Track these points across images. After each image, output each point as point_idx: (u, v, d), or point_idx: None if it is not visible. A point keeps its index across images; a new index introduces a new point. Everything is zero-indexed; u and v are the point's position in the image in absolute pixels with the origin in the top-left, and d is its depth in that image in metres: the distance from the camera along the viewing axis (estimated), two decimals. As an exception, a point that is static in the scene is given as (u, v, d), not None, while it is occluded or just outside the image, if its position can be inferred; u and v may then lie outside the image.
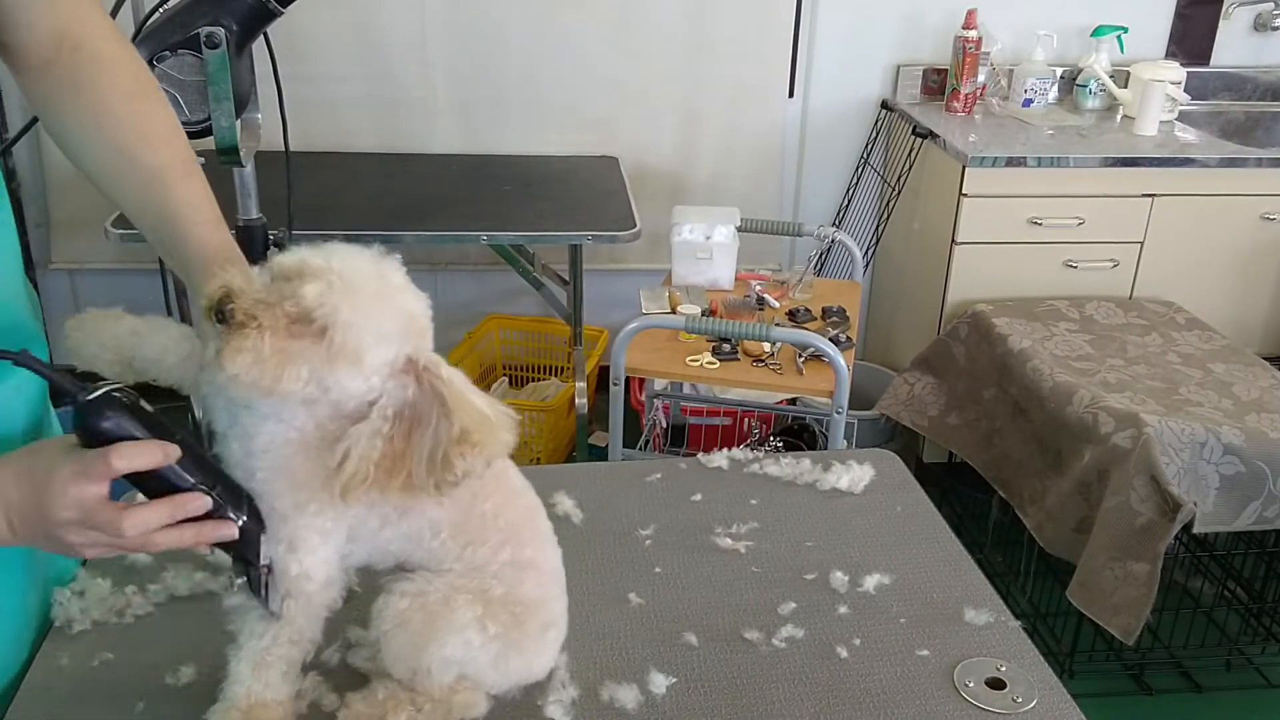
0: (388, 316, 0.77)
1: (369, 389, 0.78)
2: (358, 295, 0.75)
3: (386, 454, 0.78)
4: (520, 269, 2.76)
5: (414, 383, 0.79)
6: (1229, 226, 2.73)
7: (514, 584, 0.87)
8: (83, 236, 2.86)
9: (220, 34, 1.37)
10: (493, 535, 0.87)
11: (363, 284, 0.76)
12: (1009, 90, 3.03)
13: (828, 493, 1.23)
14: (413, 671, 0.85)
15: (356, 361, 0.76)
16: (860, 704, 0.92)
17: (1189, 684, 2.29)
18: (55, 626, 0.98)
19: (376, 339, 0.76)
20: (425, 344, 0.81)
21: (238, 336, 0.73)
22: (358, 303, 0.75)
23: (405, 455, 0.79)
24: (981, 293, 2.69)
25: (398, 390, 0.79)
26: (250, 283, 0.76)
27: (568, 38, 2.93)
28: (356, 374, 0.77)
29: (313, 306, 0.74)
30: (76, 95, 0.92)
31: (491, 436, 0.80)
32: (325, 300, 0.74)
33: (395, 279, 0.79)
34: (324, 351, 0.75)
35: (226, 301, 0.74)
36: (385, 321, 0.77)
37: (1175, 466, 1.98)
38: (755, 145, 3.10)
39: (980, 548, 2.59)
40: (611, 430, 2.19)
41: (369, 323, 0.76)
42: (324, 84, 2.88)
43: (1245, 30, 3.15)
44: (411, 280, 0.81)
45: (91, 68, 0.92)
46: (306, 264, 0.76)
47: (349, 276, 0.75)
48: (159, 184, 0.89)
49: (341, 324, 0.74)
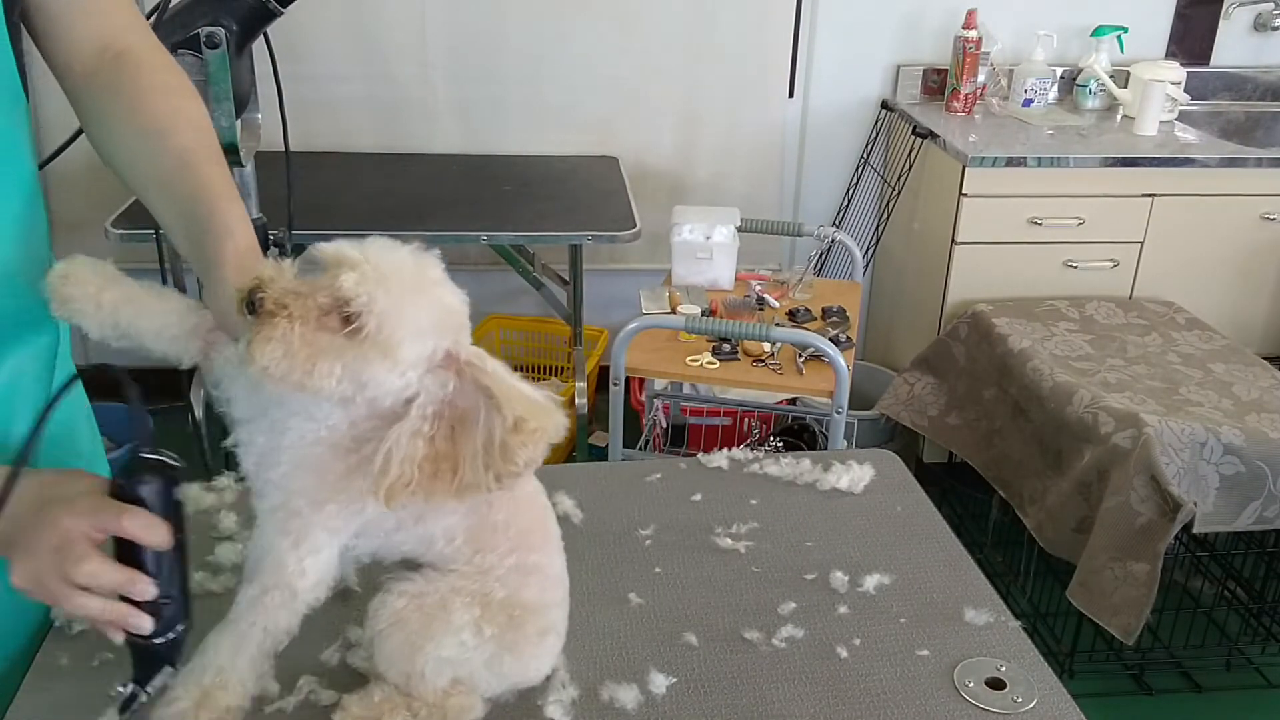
0: (424, 309, 0.76)
1: (405, 384, 0.76)
2: (393, 286, 0.73)
3: (429, 455, 0.76)
4: (520, 269, 2.76)
5: (454, 378, 0.77)
6: (1229, 226, 2.73)
7: (517, 588, 0.87)
8: (83, 236, 2.86)
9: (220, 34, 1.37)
10: (503, 543, 0.87)
11: (399, 276, 0.74)
12: (1009, 90, 3.03)
13: (828, 493, 1.23)
14: (407, 675, 0.84)
15: (391, 354, 0.74)
16: (860, 704, 0.92)
17: (1189, 684, 2.29)
18: (55, 626, 0.97)
19: (413, 331, 0.74)
20: (464, 338, 0.79)
21: (267, 326, 0.71)
22: (393, 294, 0.73)
23: (450, 455, 0.76)
24: (981, 293, 2.69)
25: (436, 387, 0.77)
26: (282, 273, 0.74)
27: (568, 38, 2.93)
28: (391, 368, 0.74)
29: (349, 296, 0.72)
30: (115, 97, 0.94)
31: (548, 420, 0.77)
32: (361, 290, 0.72)
33: (433, 273, 0.77)
34: (357, 343, 0.73)
35: (257, 291, 0.72)
36: (422, 314, 0.75)
37: (1175, 466, 1.98)
38: (755, 145, 3.10)
39: (980, 548, 2.59)
40: (611, 430, 2.19)
41: (405, 314, 0.74)
42: (324, 84, 2.88)
43: (1245, 30, 3.15)
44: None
45: (131, 71, 0.94)
46: (343, 254, 0.74)
47: (385, 268, 0.74)
48: (187, 166, 0.89)
49: (377, 314, 0.72)
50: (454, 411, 0.77)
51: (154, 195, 0.92)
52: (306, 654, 0.93)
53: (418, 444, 0.76)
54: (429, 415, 0.77)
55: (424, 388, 0.77)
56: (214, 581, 1.03)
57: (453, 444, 0.77)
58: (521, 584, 0.87)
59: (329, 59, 2.87)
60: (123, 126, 0.93)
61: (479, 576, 0.86)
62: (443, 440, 0.77)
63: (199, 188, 0.88)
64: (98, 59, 0.95)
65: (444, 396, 0.77)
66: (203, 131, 0.93)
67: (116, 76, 0.94)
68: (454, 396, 0.78)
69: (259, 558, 0.82)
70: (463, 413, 0.77)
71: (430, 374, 0.77)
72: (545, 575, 0.90)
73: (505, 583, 0.86)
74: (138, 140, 0.92)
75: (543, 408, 0.78)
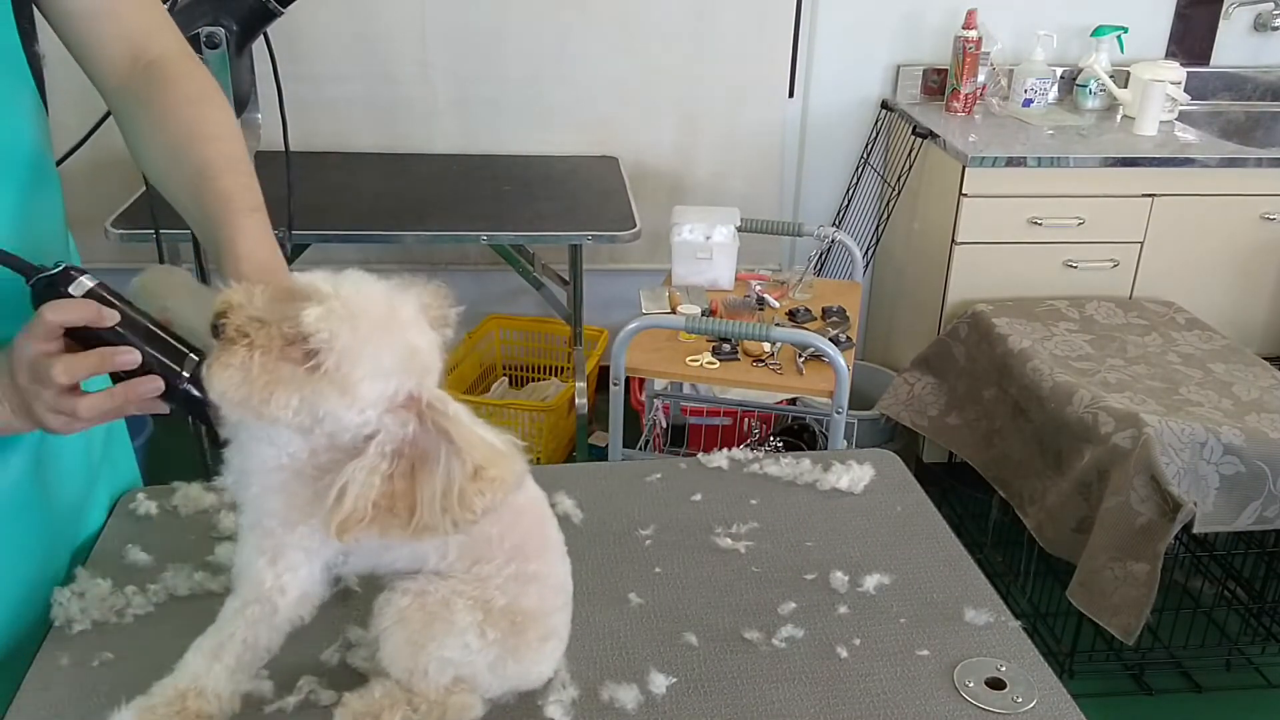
0: (388, 348, 0.75)
1: (363, 422, 0.76)
2: (359, 323, 0.73)
3: (386, 493, 0.76)
4: (520, 269, 2.76)
5: (415, 420, 0.77)
6: (1229, 226, 2.73)
7: (516, 596, 0.87)
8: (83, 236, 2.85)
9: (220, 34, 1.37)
10: (498, 555, 0.87)
11: (367, 313, 0.74)
12: (1009, 90, 3.03)
13: (828, 493, 1.23)
14: (410, 671, 0.85)
15: (349, 392, 0.73)
16: (860, 704, 0.92)
17: (1189, 684, 2.29)
18: (55, 626, 0.98)
19: (373, 371, 0.74)
20: (429, 380, 0.78)
21: (227, 353, 0.72)
22: (358, 331, 0.73)
23: (408, 495, 0.76)
24: (981, 293, 2.69)
25: (396, 426, 0.77)
26: (250, 299, 0.74)
27: (568, 38, 2.93)
28: (349, 405, 0.74)
29: (310, 330, 0.72)
30: (145, 110, 0.95)
31: (508, 468, 0.77)
32: (324, 325, 0.72)
33: (404, 312, 0.77)
34: (316, 378, 0.73)
35: (221, 316, 0.73)
36: (385, 354, 0.75)
37: (1175, 466, 1.98)
38: (755, 145, 3.10)
39: (980, 548, 2.59)
40: (611, 430, 2.19)
41: (366, 353, 0.73)
42: (324, 84, 2.88)
43: (1245, 30, 3.15)
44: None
45: (160, 80, 0.96)
46: (314, 287, 0.74)
47: (354, 304, 0.74)
48: (205, 179, 0.90)
49: (337, 351, 0.72)
50: (415, 451, 0.77)
51: (182, 208, 0.93)
52: (306, 654, 0.93)
53: (374, 481, 0.76)
54: (388, 454, 0.76)
55: (384, 426, 0.77)
56: (214, 581, 1.03)
57: (411, 484, 0.77)
58: (521, 592, 0.87)
59: (329, 59, 2.87)
60: (151, 139, 0.95)
61: (478, 584, 0.86)
62: (401, 479, 0.77)
63: (216, 201, 0.89)
64: (129, 69, 0.96)
65: (404, 436, 0.77)
66: (224, 140, 0.94)
67: (146, 89, 0.96)
68: (416, 437, 0.77)
69: (240, 572, 0.83)
70: (424, 453, 0.77)
71: (391, 414, 0.77)
72: (545, 583, 0.90)
73: (505, 591, 0.86)
74: (164, 153, 0.94)
75: (503, 455, 0.78)
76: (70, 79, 1.02)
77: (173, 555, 1.07)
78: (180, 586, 1.03)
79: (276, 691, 0.89)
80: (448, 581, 0.86)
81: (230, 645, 0.82)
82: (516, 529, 0.88)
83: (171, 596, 1.02)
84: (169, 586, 1.03)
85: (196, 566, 1.05)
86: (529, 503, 0.91)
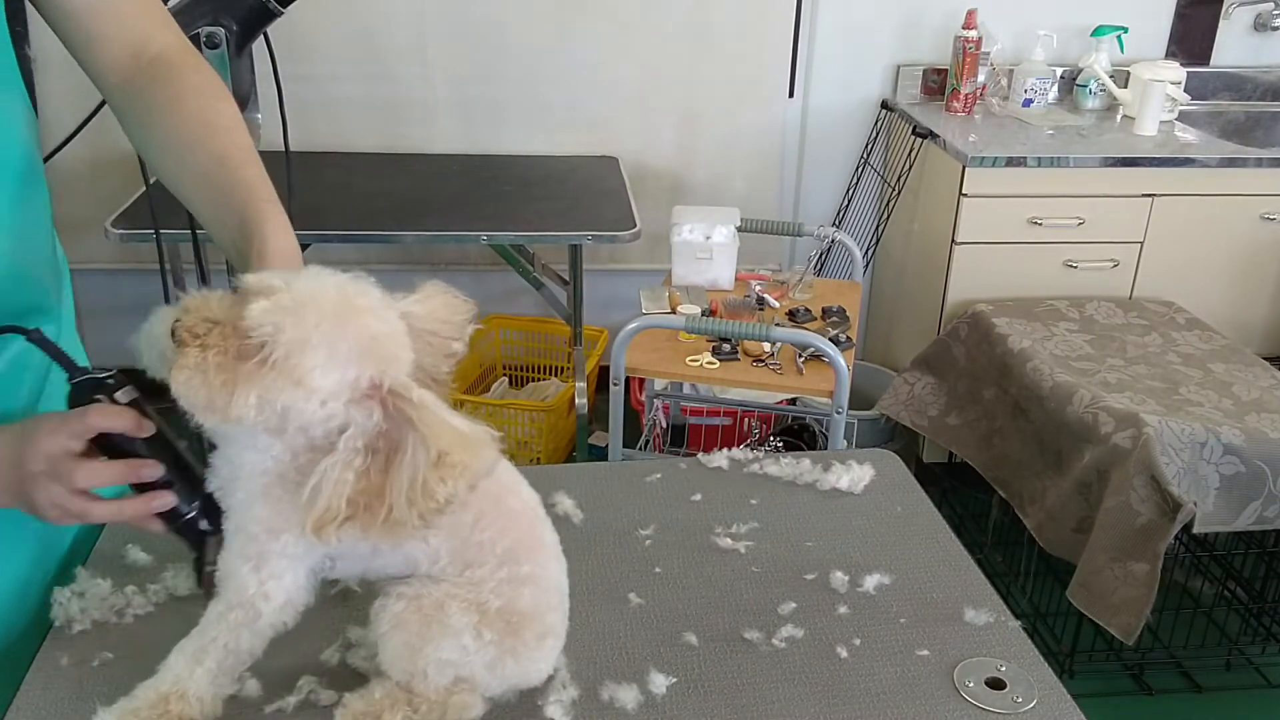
0: (343, 337, 0.73)
1: (328, 415, 0.75)
2: (305, 314, 0.72)
3: (363, 489, 0.74)
4: (520, 269, 2.76)
5: (379, 408, 0.75)
6: (1229, 226, 2.73)
7: (511, 598, 0.87)
8: (83, 236, 2.86)
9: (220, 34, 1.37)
10: (490, 559, 0.86)
11: (316, 303, 0.73)
12: (1009, 90, 3.03)
13: (828, 493, 1.23)
14: (409, 674, 0.85)
15: (302, 382, 0.72)
16: (860, 704, 0.92)
17: (1189, 684, 2.29)
18: (55, 626, 0.98)
19: (326, 360, 0.73)
20: (395, 368, 0.76)
21: (182, 355, 0.72)
22: (305, 322, 0.72)
23: (383, 489, 0.74)
24: (981, 293, 2.69)
25: (364, 418, 0.75)
26: (206, 301, 0.74)
27: (568, 38, 2.93)
28: (306, 396, 0.73)
29: (253, 324, 0.71)
30: (151, 103, 0.96)
31: (472, 455, 0.74)
32: (267, 318, 0.71)
33: (360, 301, 0.75)
34: (266, 371, 0.72)
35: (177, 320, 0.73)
36: (340, 342, 0.73)
37: (1175, 466, 1.98)
38: (755, 145, 3.10)
39: (980, 548, 2.59)
40: (611, 430, 2.19)
41: (315, 342, 0.72)
42: (324, 84, 2.89)
43: (1245, 30, 3.15)
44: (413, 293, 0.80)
45: (164, 74, 0.96)
46: (264, 283, 0.73)
47: (303, 296, 0.73)
48: (225, 168, 0.91)
49: (284, 342, 0.71)
50: (388, 444, 0.75)
51: (195, 198, 0.94)
52: (306, 654, 0.93)
53: (348, 477, 0.74)
54: (359, 447, 0.75)
55: (352, 419, 0.75)
56: (214, 581, 1.03)
57: (387, 478, 0.75)
58: (515, 595, 0.87)
59: (329, 59, 2.87)
60: (160, 132, 0.95)
61: (472, 588, 0.86)
62: (377, 473, 0.75)
63: (240, 189, 0.89)
64: (132, 65, 0.97)
65: (375, 428, 0.75)
66: (238, 132, 0.95)
67: (151, 83, 0.96)
68: (389, 429, 0.76)
69: (224, 577, 0.83)
70: (396, 445, 0.75)
71: (356, 405, 0.75)
72: (539, 584, 0.90)
73: (499, 593, 0.86)
74: (177, 142, 0.94)
75: (469, 441, 0.75)
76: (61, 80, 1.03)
77: (173, 555, 1.06)
78: (180, 586, 1.03)
79: (276, 691, 0.89)
80: (441, 585, 0.86)
81: (212, 649, 0.82)
82: (509, 534, 0.88)
83: (171, 596, 1.02)
84: (169, 586, 1.03)
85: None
86: (522, 507, 0.91)
